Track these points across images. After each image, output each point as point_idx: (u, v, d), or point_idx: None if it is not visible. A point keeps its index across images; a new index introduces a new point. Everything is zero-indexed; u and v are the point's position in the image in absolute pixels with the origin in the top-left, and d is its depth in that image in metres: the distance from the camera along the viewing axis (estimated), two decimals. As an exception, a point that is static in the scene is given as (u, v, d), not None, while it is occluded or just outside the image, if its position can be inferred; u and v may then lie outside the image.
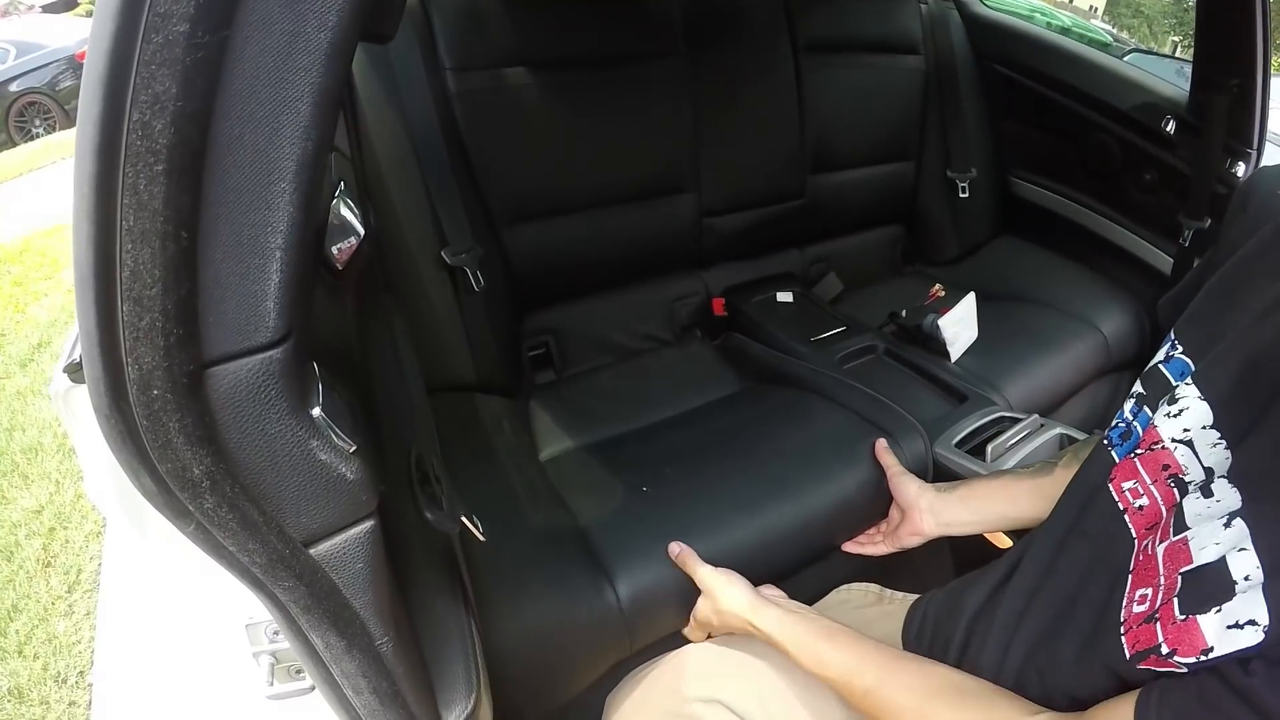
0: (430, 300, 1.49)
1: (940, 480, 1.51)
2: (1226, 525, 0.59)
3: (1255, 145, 1.80)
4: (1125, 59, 2.35)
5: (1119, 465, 0.75)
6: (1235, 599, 0.54)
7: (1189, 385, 0.71)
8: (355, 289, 0.92)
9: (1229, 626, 0.54)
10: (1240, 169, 1.84)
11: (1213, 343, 0.72)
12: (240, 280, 0.45)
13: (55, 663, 2.03)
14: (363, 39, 0.51)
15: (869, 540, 1.35)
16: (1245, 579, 0.54)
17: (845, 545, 1.36)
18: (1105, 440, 0.80)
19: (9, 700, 1.92)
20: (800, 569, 1.35)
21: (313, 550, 0.57)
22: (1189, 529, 0.62)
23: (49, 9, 13.03)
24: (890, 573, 1.24)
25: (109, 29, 0.39)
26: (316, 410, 0.52)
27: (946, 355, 1.81)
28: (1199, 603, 0.56)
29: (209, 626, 0.86)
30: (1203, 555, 0.59)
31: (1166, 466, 0.69)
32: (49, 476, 2.73)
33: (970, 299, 1.86)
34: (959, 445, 1.53)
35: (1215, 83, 1.79)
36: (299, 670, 0.77)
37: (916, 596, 1.09)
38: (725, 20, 1.87)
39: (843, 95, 2.12)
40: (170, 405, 0.45)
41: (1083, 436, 1.53)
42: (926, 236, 2.45)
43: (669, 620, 1.18)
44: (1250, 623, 0.52)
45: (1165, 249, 2.04)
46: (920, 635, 0.98)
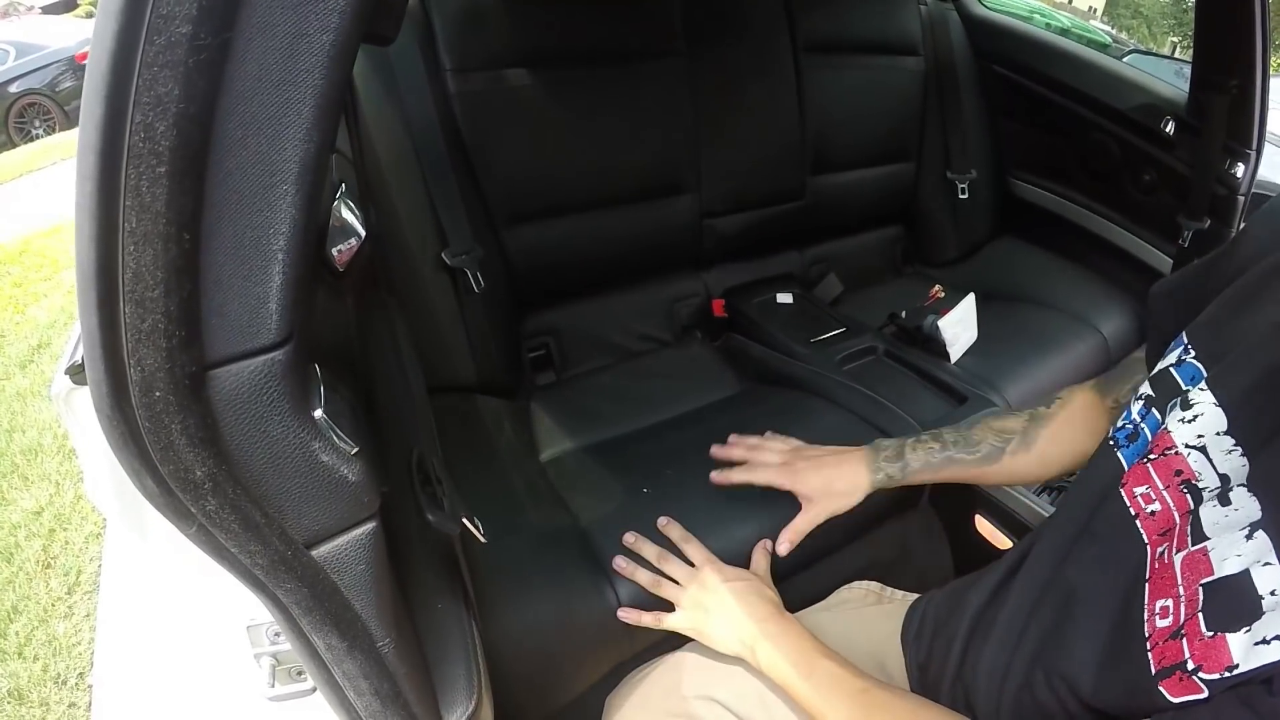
0: (431, 301, 1.49)
1: (942, 484, 1.52)
2: (1249, 537, 0.58)
3: (1254, 146, 1.80)
4: (1124, 60, 2.36)
5: (1130, 470, 0.74)
6: (1264, 617, 0.53)
7: (1203, 390, 0.70)
8: (356, 290, 0.92)
9: (1256, 643, 0.53)
10: (1239, 169, 1.84)
11: (1228, 348, 0.71)
12: (242, 282, 0.45)
13: (55, 664, 2.02)
14: (364, 41, 0.51)
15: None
16: (1272, 594, 0.54)
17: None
18: (1111, 440, 0.79)
19: (8, 702, 1.92)
20: (798, 570, 1.35)
21: (314, 552, 0.57)
22: (1208, 539, 0.61)
23: (49, 10, 13.05)
24: (891, 572, 1.24)
25: (111, 30, 0.39)
26: (318, 412, 0.52)
27: (946, 356, 1.80)
28: (1228, 620, 0.56)
29: (209, 628, 0.86)
30: (1224, 567, 0.58)
31: (1179, 472, 0.68)
32: (49, 478, 2.73)
33: (970, 300, 1.86)
34: (959, 446, 1.52)
35: (1214, 83, 1.79)
36: (300, 672, 0.77)
37: (916, 596, 1.08)
38: (725, 20, 1.86)
39: (843, 96, 2.12)
40: (172, 407, 0.45)
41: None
42: (926, 237, 2.46)
43: None
44: (1277, 638, 0.52)
45: (1164, 249, 2.04)
46: (920, 635, 0.97)
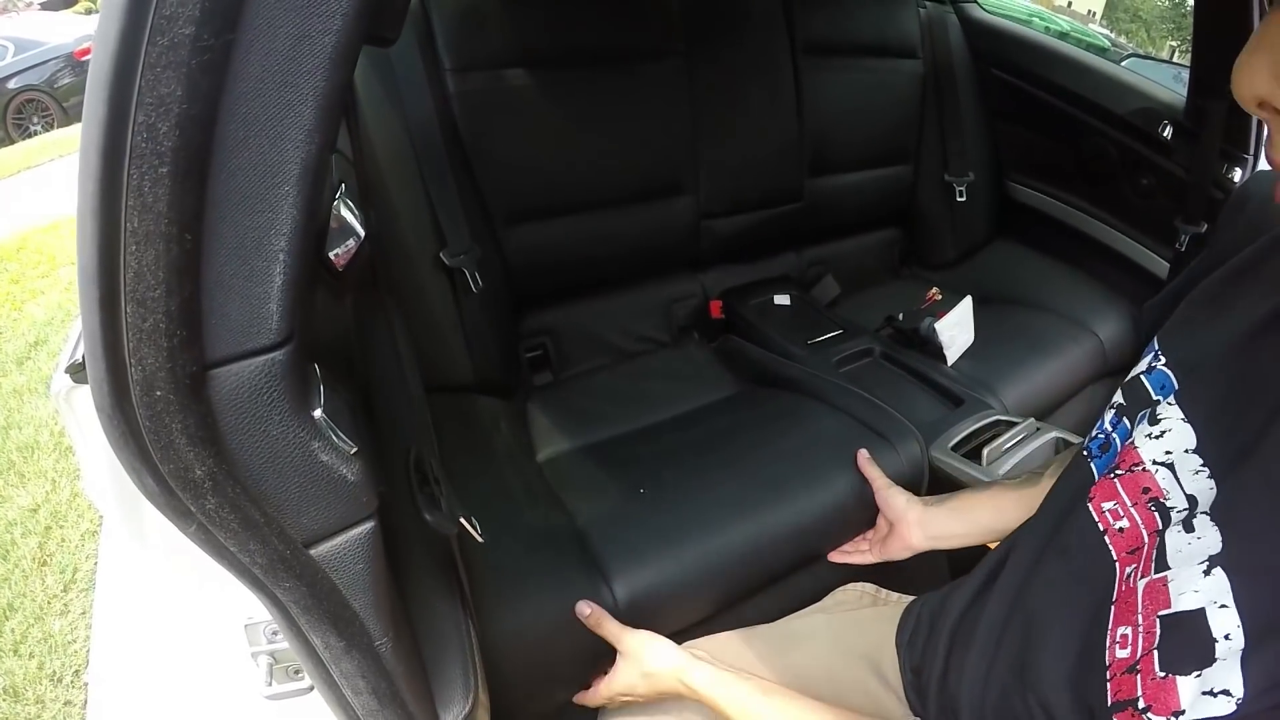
0: (429, 301, 1.49)
1: (937, 484, 1.52)
2: (1206, 572, 0.56)
3: (1252, 151, 1.80)
4: (1123, 64, 2.36)
5: (1098, 484, 0.72)
6: (1215, 665, 0.52)
7: (1172, 405, 0.68)
8: (355, 291, 0.92)
9: (1204, 692, 0.52)
10: (1237, 174, 1.85)
11: (1199, 357, 0.70)
12: (243, 282, 0.45)
13: (51, 662, 2.02)
14: (366, 43, 0.51)
15: (854, 549, 1.34)
16: (1226, 638, 0.52)
17: (832, 555, 1.34)
18: (1085, 450, 0.78)
19: (4, 700, 1.92)
20: (794, 571, 1.35)
21: (313, 551, 0.57)
22: (1169, 568, 0.59)
23: (47, 6, 12.98)
24: (885, 573, 1.25)
25: (114, 30, 0.39)
26: (318, 412, 0.53)
27: (943, 359, 1.81)
28: (1180, 662, 0.54)
29: (206, 626, 0.86)
30: (1181, 601, 0.57)
31: (1147, 489, 0.66)
32: (45, 475, 2.72)
33: (967, 302, 1.86)
34: (955, 449, 1.53)
35: (1212, 88, 1.80)
36: (298, 670, 0.77)
37: (912, 598, 1.07)
38: (725, 20, 1.87)
39: (841, 98, 2.12)
40: (173, 406, 0.45)
41: (1079, 440, 1.53)
42: (924, 240, 2.46)
43: (667, 621, 1.17)
44: (1224, 692, 0.51)
45: (1162, 254, 2.05)
46: (913, 639, 0.96)
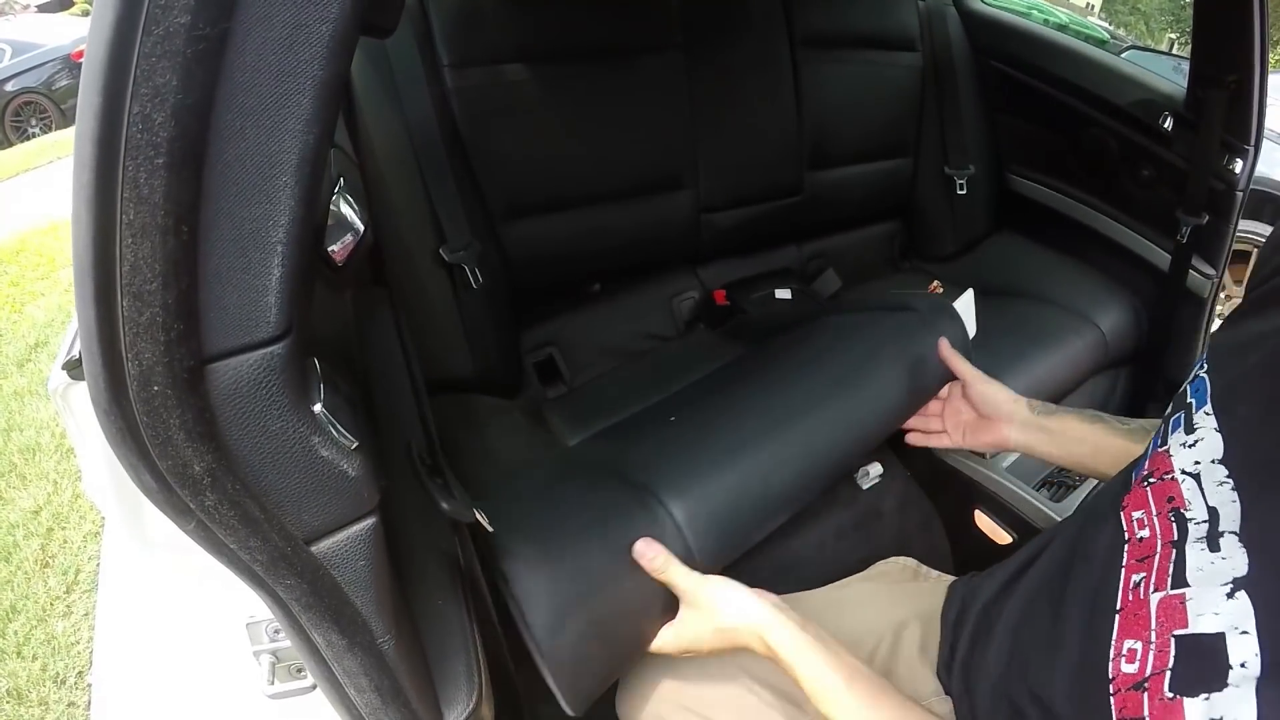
0: (428, 297, 1.49)
1: (942, 476, 1.52)
2: (1230, 595, 0.54)
3: (1253, 141, 1.80)
4: (1123, 56, 2.35)
5: (1132, 492, 0.70)
6: (1226, 690, 0.50)
7: (1208, 415, 0.65)
8: (355, 285, 0.92)
9: (1211, 719, 0.50)
10: (1238, 165, 1.84)
11: (1240, 366, 0.66)
12: (241, 275, 0.45)
13: (54, 663, 2.02)
14: (363, 33, 0.51)
15: (929, 429, 1.28)
16: (1242, 665, 0.50)
17: (910, 437, 1.29)
18: (1136, 466, 0.75)
19: (8, 701, 1.92)
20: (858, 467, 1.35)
21: (314, 548, 0.56)
22: (1188, 586, 0.57)
23: (44, 8, 13.01)
24: (923, 553, 1.23)
25: (109, 20, 0.38)
26: (318, 406, 0.52)
27: (946, 352, 1.80)
28: (1190, 684, 0.53)
29: (209, 626, 0.86)
30: (1200, 623, 0.54)
31: (1171, 499, 0.64)
32: (47, 477, 2.72)
33: (969, 295, 1.85)
34: (960, 442, 1.53)
35: (1213, 79, 1.79)
36: (300, 669, 0.77)
37: (952, 579, 1.06)
38: (723, 14, 1.86)
39: (840, 91, 2.12)
40: (170, 401, 0.44)
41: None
42: (924, 233, 2.46)
43: (733, 543, 1.07)
44: None
45: (1163, 245, 2.04)
46: (948, 618, 0.94)
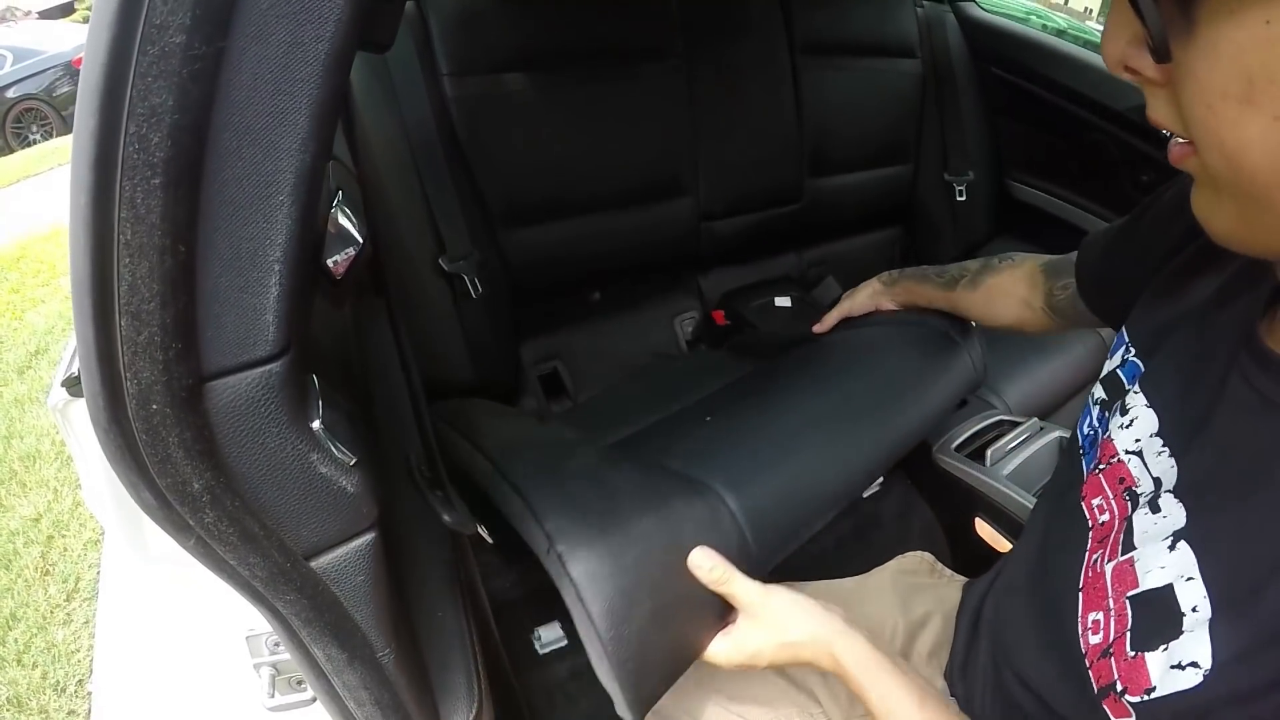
0: (428, 306, 1.49)
1: (941, 483, 1.53)
2: (1171, 547, 0.57)
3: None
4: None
5: (1088, 481, 0.73)
6: (1182, 637, 0.53)
7: (1137, 394, 0.69)
8: (354, 297, 0.92)
9: (1171, 666, 0.53)
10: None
11: (1158, 343, 0.71)
12: (239, 294, 0.45)
13: (54, 671, 2.02)
14: (360, 48, 0.51)
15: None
16: (1193, 610, 0.53)
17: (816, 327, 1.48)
18: (1080, 447, 0.78)
19: (8, 709, 1.92)
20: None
21: (314, 563, 0.56)
22: (1135, 549, 0.61)
23: (46, 15, 13.03)
24: (940, 552, 1.24)
25: (104, 40, 0.38)
26: (316, 423, 0.52)
27: (946, 359, 1.80)
28: (1148, 638, 0.56)
29: (209, 636, 0.86)
30: (1148, 579, 0.58)
31: (1123, 480, 0.67)
32: (47, 484, 2.73)
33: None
34: (959, 449, 1.54)
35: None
36: (300, 682, 0.77)
37: (966, 580, 1.07)
38: (723, 21, 1.86)
39: (840, 98, 2.12)
40: (169, 420, 0.44)
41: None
42: (924, 239, 2.45)
43: (788, 533, 1.01)
44: (1192, 664, 0.52)
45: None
46: (963, 625, 0.96)
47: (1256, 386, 0.57)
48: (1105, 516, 0.68)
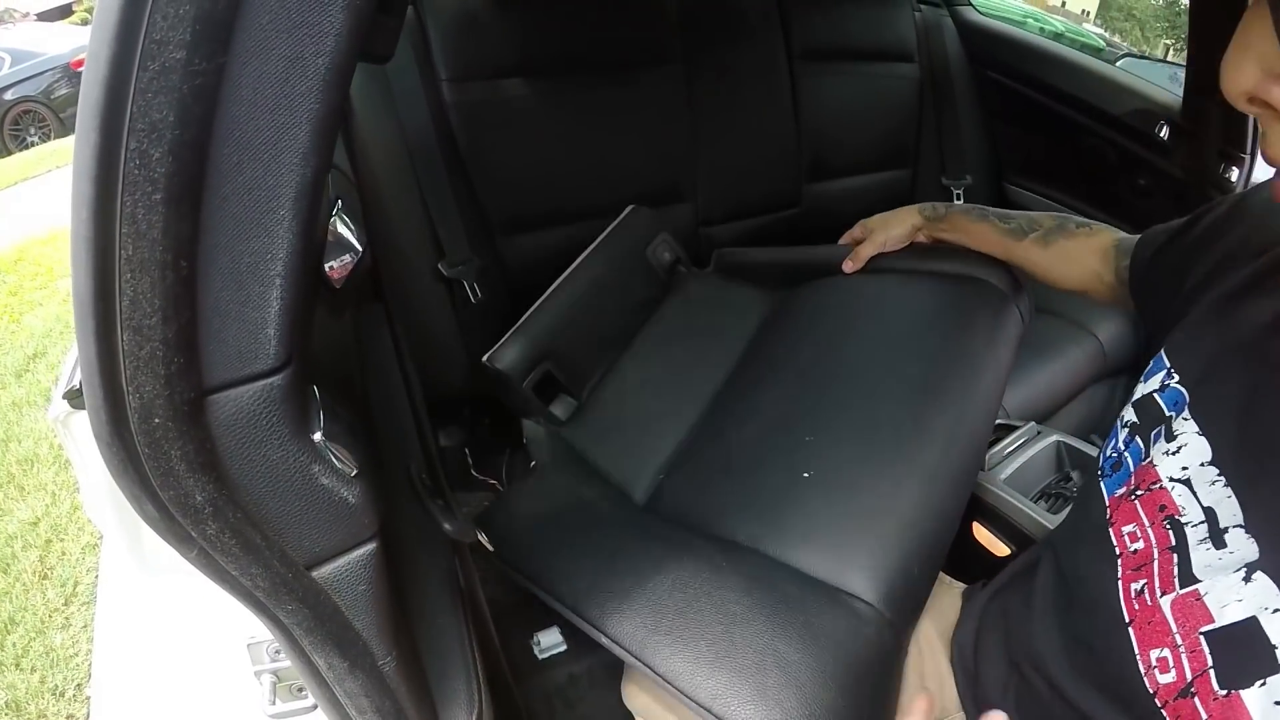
0: (428, 312, 1.50)
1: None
2: (1246, 580, 0.55)
3: (1248, 150, 1.81)
4: (1118, 64, 2.36)
5: (1119, 509, 0.71)
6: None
7: (1187, 420, 0.67)
8: (354, 305, 0.92)
9: (1275, 702, 0.50)
10: (1234, 173, 1.85)
11: (1209, 369, 0.69)
12: (240, 308, 0.45)
13: (53, 676, 2.02)
14: (361, 60, 0.51)
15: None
16: None
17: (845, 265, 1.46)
18: (1099, 470, 0.77)
19: (6, 714, 1.92)
20: None
21: (315, 573, 0.57)
22: (1199, 582, 0.59)
23: (44, 17, 13.03)
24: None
25: (105, 56, 0.38)
26: (317, 435, 0.52)
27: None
28: (1239, 675, 0.53)
29: (209, 643, 0.86)
30: (1225, 614, 0.56)
31: (1164, 507, 0.65)
32: (45, 488, 2.73)
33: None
34: (958, 454, 1.53)
35: (1209, 87, 1.80)
36: (301, 689, 0.77)
37: (965, 586, 1.07)
38: (721, 27, 1.87)
39: (838, 103, 2.13)
40: (171, 433, 0.45)
41: (1078, 444, 1.55)
42: (923, 243, 2.45)
43: (918, 595, 0.94)
44: None
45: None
46: (967, 631, 0.93)
47: None
48: (1138, 545, 0.66)
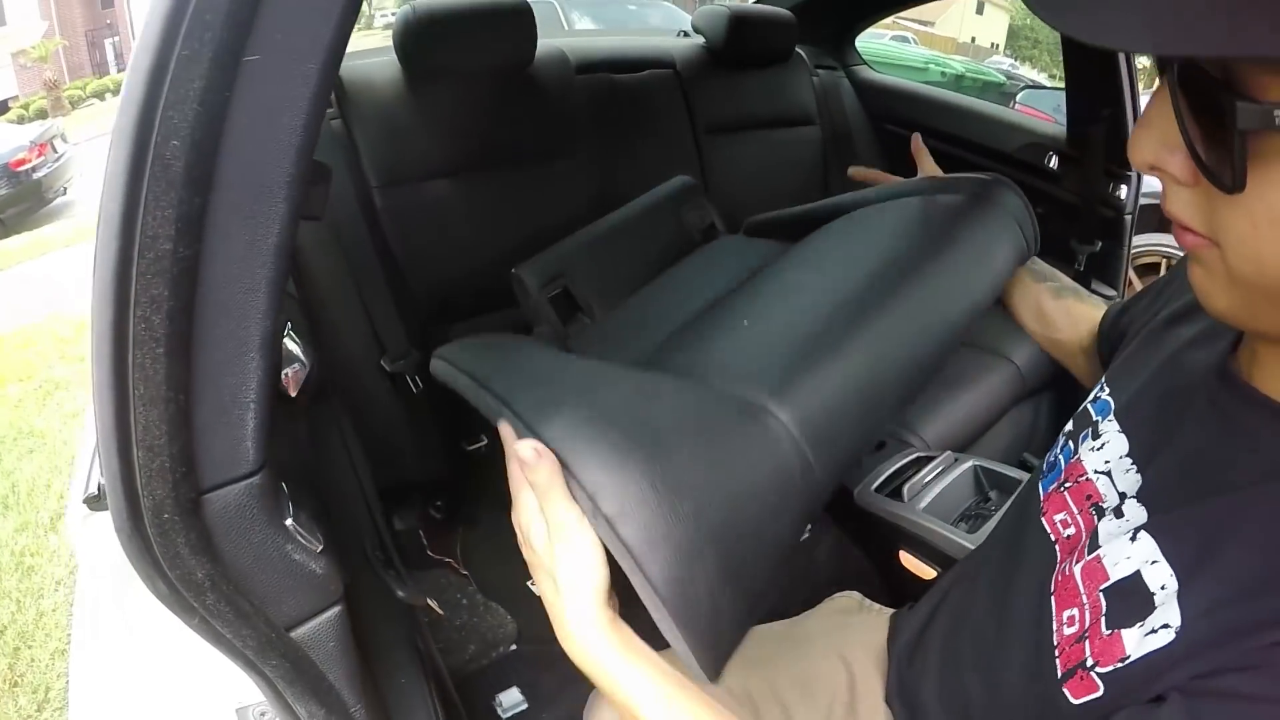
0: (376, 404, 1.64)
1: (867, 523, 1.70)
2: (1133, 539, 0.64)
3: (1135, 169, 2.00)
4: (1019, 95, 2.56)
5: (1049, 498, 0.81)
6: (1155, 610, 0.59)
7: (1111, 422, 0.78)
8: (308, 408, 1.07)
9: (1146, 634, 0.58)
10: (1123, 191, 2.05)
11: (1135, 381, 0.80)
12: (225, 427, 0.61)
13: (30, 785, 2.07)
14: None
15: None
16: (1162, 588, 0.59)
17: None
18: (1041, 473, 0.88)
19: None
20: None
21: (293, 633, 0.72)
22: (1100, 548, 0.67)
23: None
24: (869, 585, 1.34)
25: (113, 248, 0.54)
26: (289, 520, 0.68)
27: (864, 407, 1.96)
28: (1125, 618, 0.61)
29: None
30: (1117, 570, 0.64)
31: (1089, 496, 0.75)
32: (9, 595, 2.79)
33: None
34: (879, 490, 1.69)
35: (1089, 115, 2.00)
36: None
37: (892, 610, 1.18)
38: (629, 115, 2.04)
39: (744, 169, 2.29)
40: (177, 525, 0.60)
41: (995, 466, 1.71)
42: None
43: (849, 444, 0.90)
44: (1164, 626, 0.57)
45: (1064, 273, 2.24)
46: (899, 649, 1.04)
47: (1220, 405, 0.66)
48: (1070, 530, 0.76)
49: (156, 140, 0.53)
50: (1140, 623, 0.60)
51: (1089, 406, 0.85)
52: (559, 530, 0.68)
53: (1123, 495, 0.70)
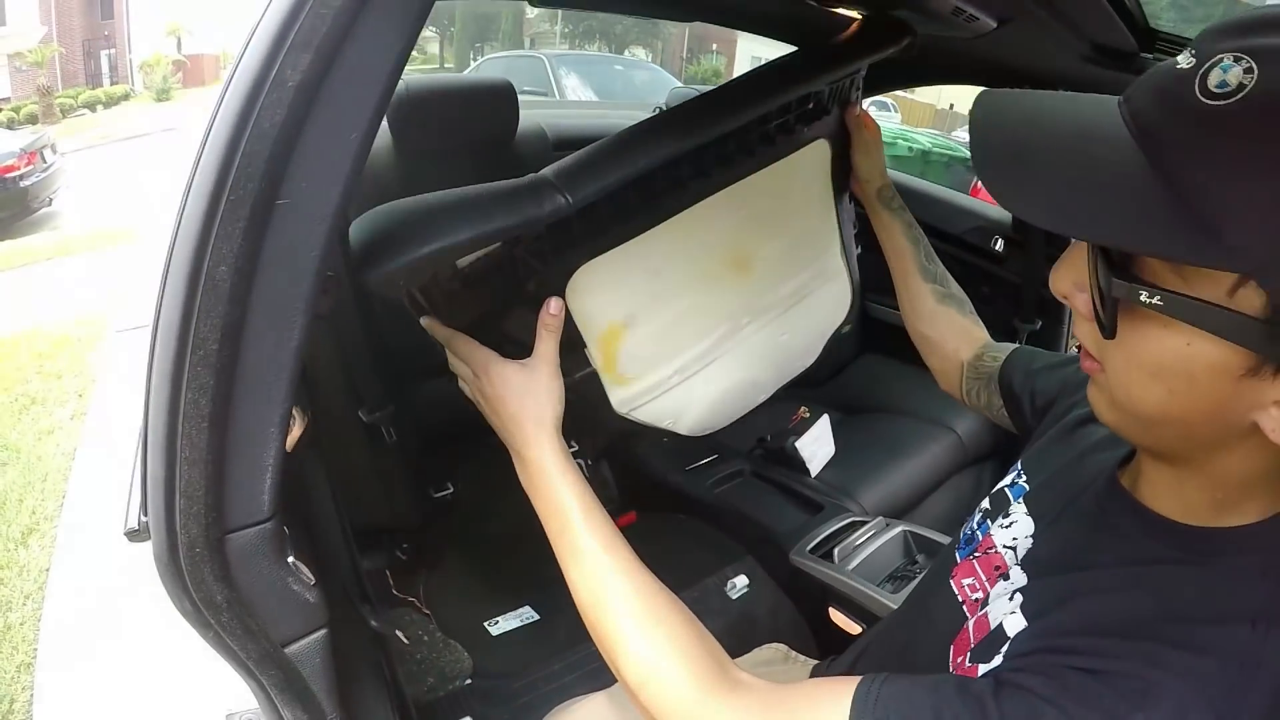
0: (353, 453, 1.80)
1: (800, 584, 1.89)
2: (1010, 598, 0.77)
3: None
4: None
5: (962, 565, 0.92)
6: (1003, 647, 0.73)
7: (1020, 505, 0.91)
8: (300, 457, 1.25)
9: (989, 664, 0.72)
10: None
11: (1045, 472, 0.93)
12: (248, 482, 0.80)
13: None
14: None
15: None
16: (1014, 633, 0.73)
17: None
18: (957, 544, 0.99)
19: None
20: None
21: (287, 650, 0.90)
22: (989, 606, 0.81)
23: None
24: (797, 637, 1.51)
25: (173, 347, 0.73)
26: (290, 557, 0.86)
27: (807, 471, 2.16)
28: (985, 656, 0.75)
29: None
30: (993, 621, 0.77)
31: (998, 567, 0.86)
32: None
33: (824, 420, 2.22)
34: (813, 551, 1.88)
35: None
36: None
37: (816, 662, 1.32)
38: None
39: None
40: (205, 558, 0.78)
41: (924, 531, 1.90)
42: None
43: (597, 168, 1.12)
44: (999, 653, 0.72)
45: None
46: None
47: (1100, 505, 0.80)
48: (977, 594, 0.87)
49: (209, 266, 0.71)
50: (992, 660, 0.73)
51: (1006, 490, 0.98)
52: (479, 365, 1.03)
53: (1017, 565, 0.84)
